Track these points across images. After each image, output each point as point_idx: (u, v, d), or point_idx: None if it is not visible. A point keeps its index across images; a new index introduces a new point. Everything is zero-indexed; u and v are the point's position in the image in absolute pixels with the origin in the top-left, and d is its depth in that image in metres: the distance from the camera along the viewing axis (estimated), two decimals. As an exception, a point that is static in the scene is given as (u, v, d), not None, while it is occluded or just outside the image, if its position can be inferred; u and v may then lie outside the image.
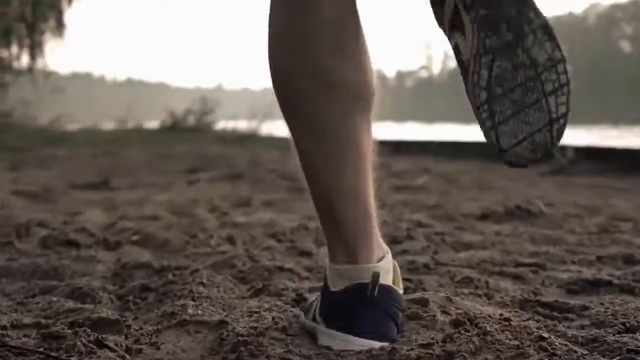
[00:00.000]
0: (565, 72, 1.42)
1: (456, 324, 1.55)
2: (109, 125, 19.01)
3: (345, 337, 1.47)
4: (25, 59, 20.03)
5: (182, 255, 2.44)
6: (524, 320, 1.61)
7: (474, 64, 1.41)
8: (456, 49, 1.46)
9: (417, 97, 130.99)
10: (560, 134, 1.43)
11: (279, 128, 15.15)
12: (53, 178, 6.06)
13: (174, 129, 15.99)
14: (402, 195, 4.77)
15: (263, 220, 3.23)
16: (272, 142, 11.75)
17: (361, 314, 1.49)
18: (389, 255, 1.60)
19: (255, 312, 1.65)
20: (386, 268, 1.56)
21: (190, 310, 1.66)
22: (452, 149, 9.78)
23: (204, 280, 1.92)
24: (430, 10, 1.50)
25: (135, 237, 2.79)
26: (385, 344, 1.46)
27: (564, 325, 1.63)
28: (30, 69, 19.96)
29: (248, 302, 1.78)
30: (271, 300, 1.78)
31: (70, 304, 1.78)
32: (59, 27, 20.75)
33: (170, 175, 6.59)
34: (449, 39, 1.48)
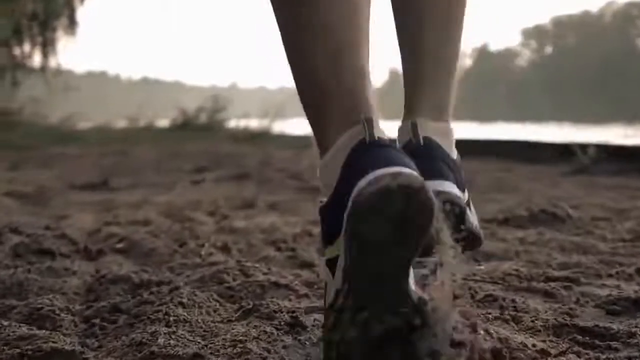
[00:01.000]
0: None
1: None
2: (121, 123, 18.86)
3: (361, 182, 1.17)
4: (37, 57, 19.95)
5: (167, 267, 2.16)
6: (562, 353, 1.34)
7: None
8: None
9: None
10: None
11: (291, 126, 14.97)
12: (52, 178, 5.81)
13: (186, 127, 15.76)
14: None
15: (264, 225, 2.95)
16: (284, 140, 11.50)
17: (363, 155, 1.23)
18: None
19: (240, 342, 1.38)
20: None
21: (160, 340, 1.38)
22: (468, 147, 9.48)
23: (184, 300, 1.64)
24: None
25: (120, 245, 2.52)
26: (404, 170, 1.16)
27: (608, 358, 1.36)
28: (43, 67, 19.86)
29: (233, 328, 1.50)
30: (261, 325, 1.51)
31: (24, 329, 1.50)
32: (71, 24, 20.65)
33: (175, 175, 6.34)
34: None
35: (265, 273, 1.98)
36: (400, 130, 1.55)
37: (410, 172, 1.18)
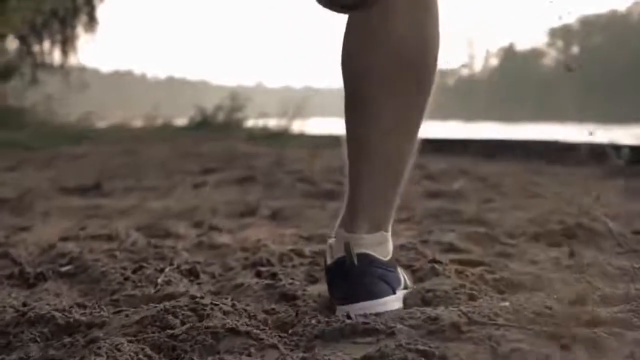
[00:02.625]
0: None
1: None
2: (138, 122, 18.56)
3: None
4: (55, 55, 19.76)
5: (110, 301, 1.72)
6: None
7: None
8: None
9: (458, 95, 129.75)
10: None
11: (311, 126, 14.57)
12: (46, 180, 5.41)
13: (203, 126, 15.36)
14: (435, 203, 4.07)
15: (250, 241, 2.50)
16: (303, 140, 11.09)
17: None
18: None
19: None
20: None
21: None
22: (494, 148, 9.02)
23: (102, 358, 1.20)
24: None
25: (67, 267, 2.07)
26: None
27: None
28: (62, 65, 19.64)
29: (157, 405, 1.07)
30: (198, 399, 1.08)
31: None
32: (91, 22, 20.45)
33: (180, 176, 5.93)
34: None
35: (227, 312, 1.53)
36: (337, 240, 1.64)
37: None
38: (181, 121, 17.33)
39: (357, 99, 1.59)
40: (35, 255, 2.27)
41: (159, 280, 1.83)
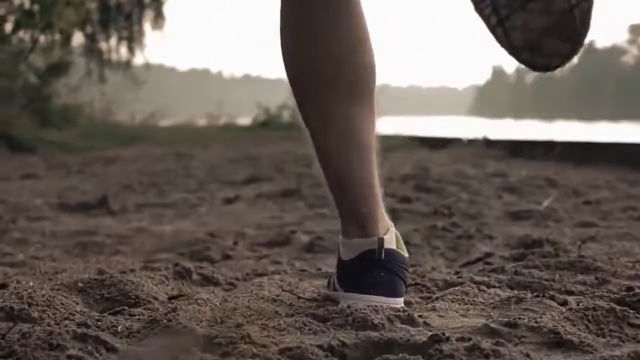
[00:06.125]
0: None
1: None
2: (202, 122, 18.10)
3: (359, 296, 1.63)
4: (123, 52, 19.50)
5: None
6: None
7: None
8: None
9: (537, 93, 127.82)
10: (585, 19, 1.29)
11: (382, 124, 13.69)
12: (53, 192, 4.64)
13: (267, 125, 14.69)
14: (518, 229, 3.19)
15: (230, 325, 1.55)
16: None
17: (370, 275, 1.64)
18: (392, 228, 1.72)
19: None
20: (390, 239, 1.68)
21: None
22: (580, 152, 8.02)
23: None
24: None
25: None
26: (395, 299, 1.64)
27: None
28: (127, 62, 19.34)
29: None
30: None
31: None
32: (158, 18, 20.12)
33: (215, 186, 5.11)
34: None
35: None
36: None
37: None
38: (245, 120, 16.74)
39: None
40: None
41: None
